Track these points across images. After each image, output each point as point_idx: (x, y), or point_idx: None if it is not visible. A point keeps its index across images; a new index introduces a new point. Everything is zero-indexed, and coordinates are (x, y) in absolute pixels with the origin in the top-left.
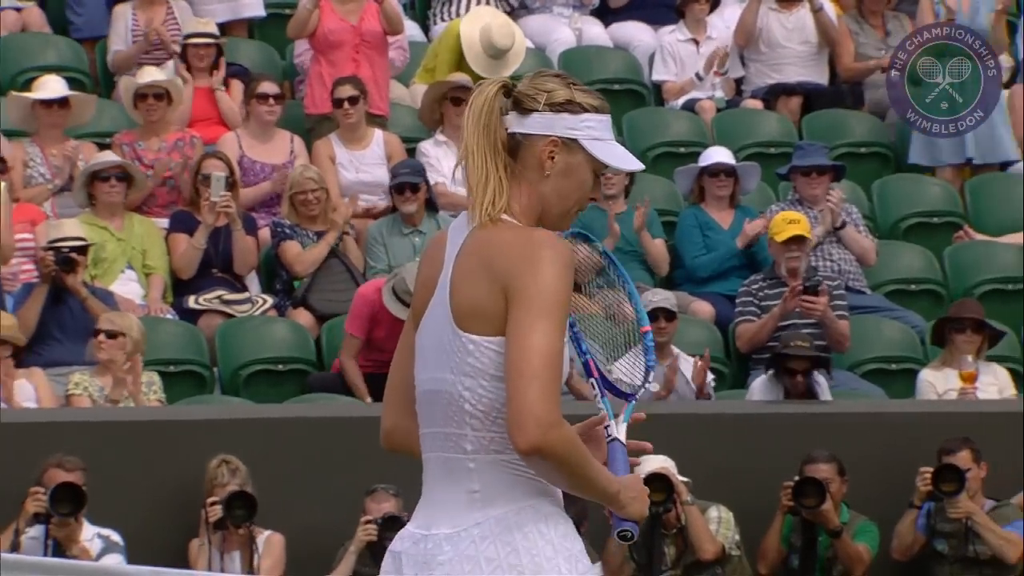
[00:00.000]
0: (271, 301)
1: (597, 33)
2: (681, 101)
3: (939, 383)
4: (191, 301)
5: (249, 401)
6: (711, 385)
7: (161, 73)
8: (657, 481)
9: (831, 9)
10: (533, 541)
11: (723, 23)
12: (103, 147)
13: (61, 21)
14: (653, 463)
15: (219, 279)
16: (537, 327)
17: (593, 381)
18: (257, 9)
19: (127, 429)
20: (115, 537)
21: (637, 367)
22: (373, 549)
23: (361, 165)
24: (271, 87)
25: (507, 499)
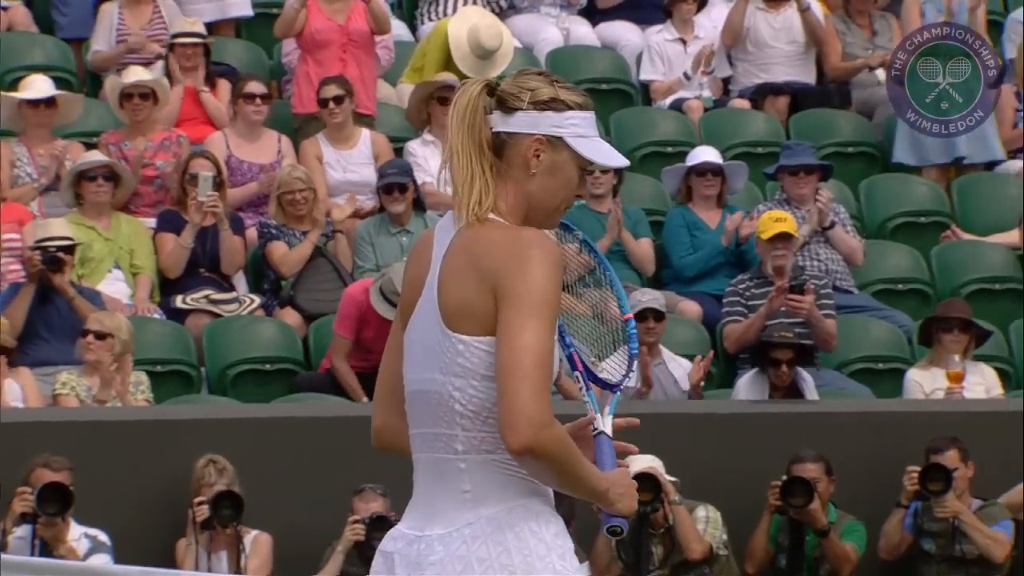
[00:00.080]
0: (258, 301)
1: (584, 33)
2: (669, 101)
3: (926, 383)
4: (178, 301)
5: (236, 401)
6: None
7: (147, 73)
8: (645, 481)
9: (818, 9)
10: (525, 540)
11: (710, 23)
12: (90, 147)
13: (47, 20)
14: (640, 463)
15: (206, 279)
16: (527, 327)
17: (578, 374)
18: (244, 8)
19: (114, 429)
20: (102, 537)
21: (623, 363)
22: (361, 549)
23: (348, 165)
24: (258, 87)
25: (498, 499)
